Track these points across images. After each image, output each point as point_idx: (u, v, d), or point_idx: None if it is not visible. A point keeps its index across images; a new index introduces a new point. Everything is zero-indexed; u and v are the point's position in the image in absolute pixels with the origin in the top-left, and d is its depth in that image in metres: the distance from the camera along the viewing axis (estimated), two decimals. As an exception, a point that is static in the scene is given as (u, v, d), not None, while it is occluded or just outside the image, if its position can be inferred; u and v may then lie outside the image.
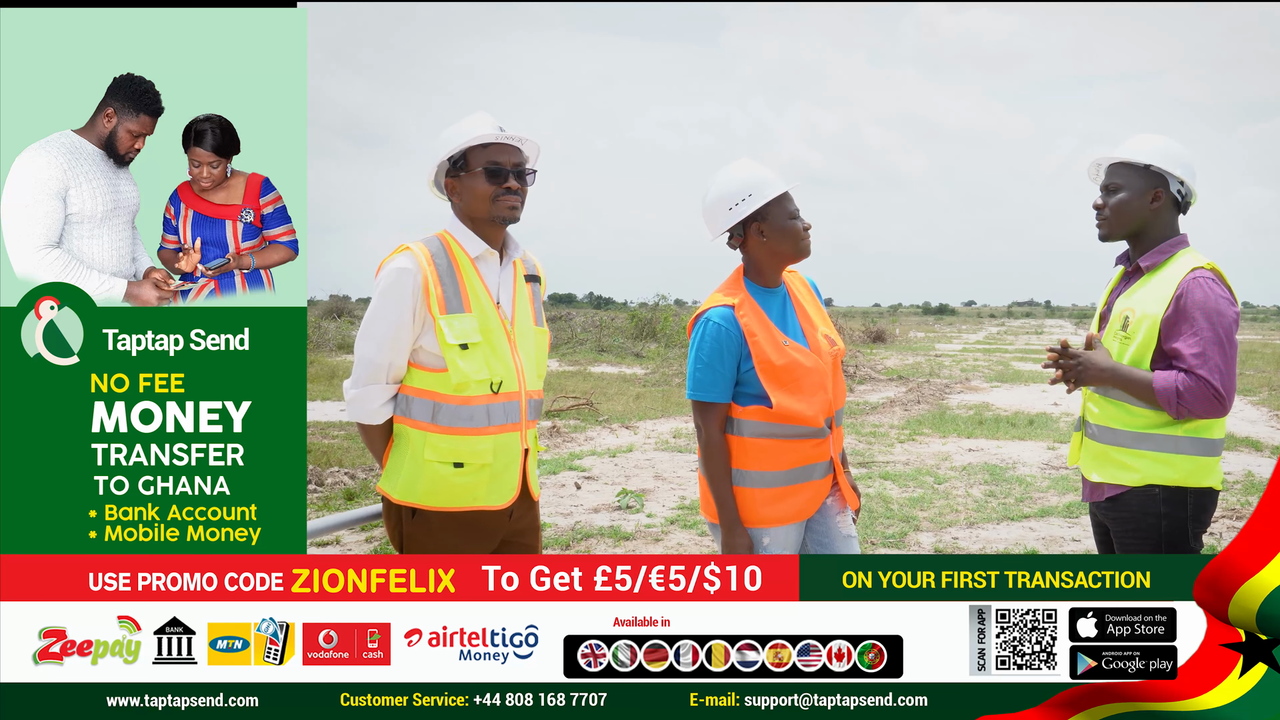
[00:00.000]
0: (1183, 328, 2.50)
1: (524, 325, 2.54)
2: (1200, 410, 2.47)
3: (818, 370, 2.71)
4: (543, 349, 2.61)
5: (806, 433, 2.68)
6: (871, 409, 12.68)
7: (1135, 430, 2.59)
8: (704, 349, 2.67)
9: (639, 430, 10.49)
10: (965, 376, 17.75)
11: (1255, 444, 9.64)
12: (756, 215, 2.69)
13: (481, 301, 2.42)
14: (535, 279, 2.65)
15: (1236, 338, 2.50)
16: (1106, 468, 2.64)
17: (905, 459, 8.83)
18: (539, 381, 2.57)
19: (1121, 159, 2.69)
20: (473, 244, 2.45)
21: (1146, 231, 2.68)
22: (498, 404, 2.42)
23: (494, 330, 2.44)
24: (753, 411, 2.66)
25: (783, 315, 2.77)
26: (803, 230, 2.72)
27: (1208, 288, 2.51)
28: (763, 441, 2.66)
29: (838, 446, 2.80)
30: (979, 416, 11.60)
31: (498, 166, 2.44)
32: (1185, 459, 2.54)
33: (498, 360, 2.43)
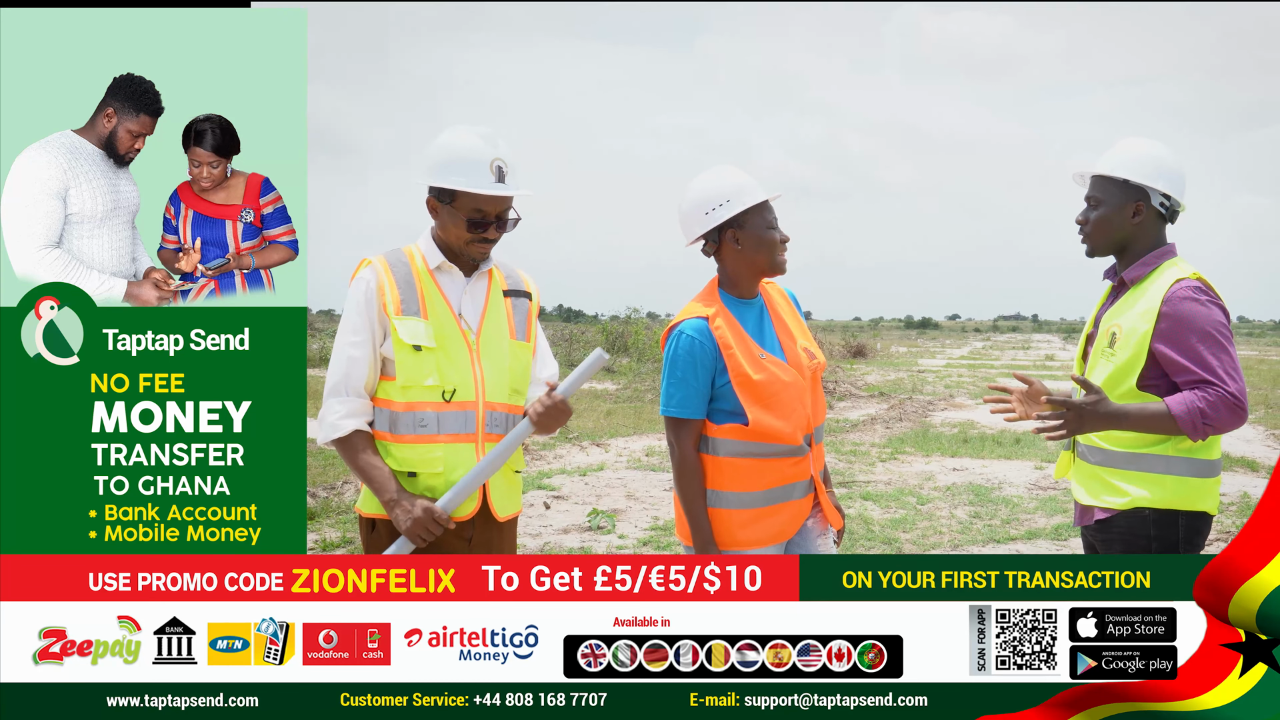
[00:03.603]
0: (1180, 341, 2.42)
1: (493, 337, 2.48)
2: (1225, 423, 2.39)
3: (796, 385, 2.62)
4: (520, 362, 2.54)
5: (785, 451, 2.58)
6: (852, 426, 12.32)
7: (1128, 450, 2.50)
8: (677, 363, 2.58)
9: (610, 448, 10.17)
10: (949, 393, 17.23)
11: (1251, 464, 9.30)
12: (733, 222, 2.60)
13: (438, 310, 2.40)
14: (521, 294, 2.61)
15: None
16: (1096, 490, 2.55)
17: (887, 479, 8.54)
18: (510, 395, 2.49)
19: (1101, 172, 2.61)
20: (433, 256, 2.44)
21: (1131, 245, 2.61)
22: (450, 412, 2.39)
23: (450, 338, 2.40)
24: (728, 429, 2.57)
25: (759, 328, 2.68)
26: (779, 242, 2.63)
27: (1195, 295, 2.45)
28: (739, 460, 2.57)
29: (818, 464, 2.71)
30: (963, 435, 11.26)
31: (482, 217, 2.41)
32: (1177, 480, 2.45)
33: (452, 367, 2.39)
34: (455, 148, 2.39)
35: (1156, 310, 2.46)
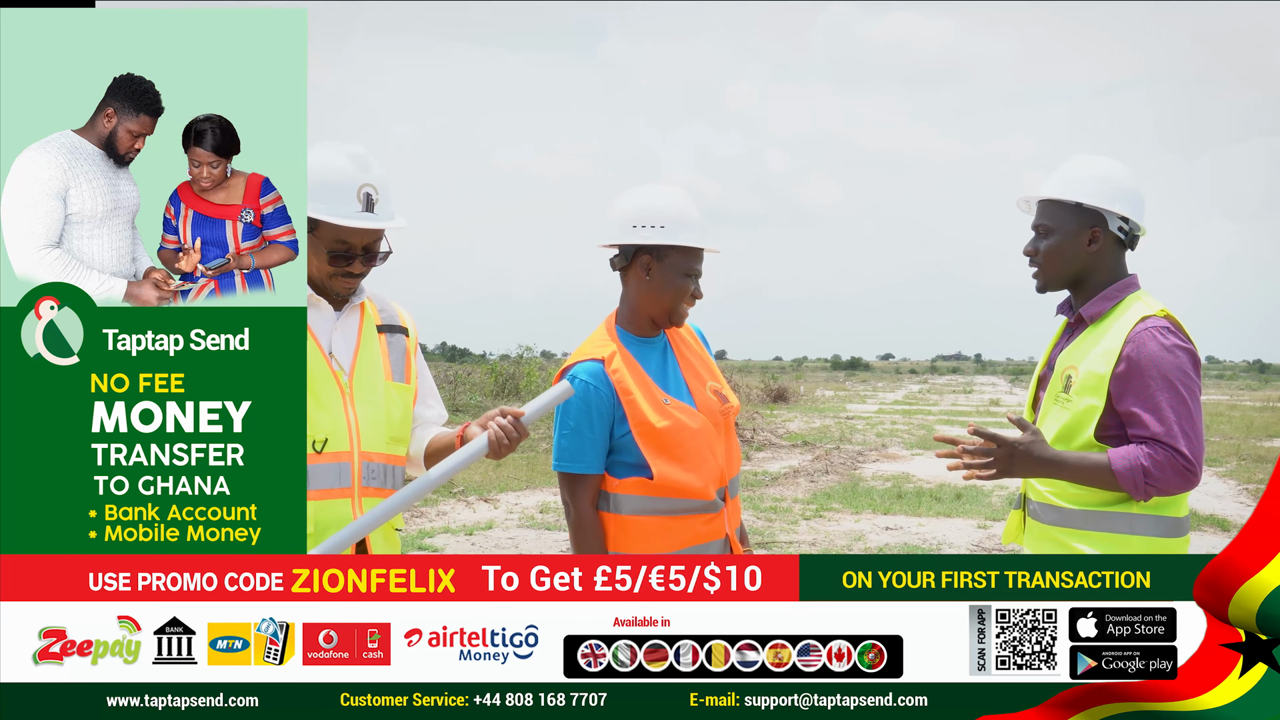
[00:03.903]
0: (1138, 388, 2.24)
1: (367, 378, 2.33)
2: (1170, 486, 2.22)
3: (705, 433, 2.42)
4: (399, 407, 2.37)
5: (696, 506, 2.38)
6: (772, 480, 11.49)
7: (1085, 508, 2.30)
8: (569, 412, 2.36)
9: (500, 504, 9.55)
10: (881, 442, 16.27)
11: (1222, 523, 8.56)
12: (654, 250, 2.40)
13: (307, 349, 2.23)
14: (396, 329, 2.44)
15: (1200, 394, 2.27)
16: (1051, 551, 2.35)
17: (811, 539, 8.00)
18: (389, 444, 2.32)
19: (1049, 195, 2.38)
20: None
21: (1088, 277, 2.39)
22: (321, 465, 2.21)
23: (320, 380, 2.25)
24: (631, 484, 2.37)
25: (663, 369, 2.48)
26: (686, 294, 2.42)
27: (1162, 338, 2.25)
28: (645, 519, 2.36)
29: (734, 521, 2.51)
30: (897, 489, 10.56)
31: (346, 249, 2.27)
32: (1141, 541, 2.27)
33: (322, 414, 2.23)
34: (318, 170, 2.24)
35: (1118, 351, 2.26)
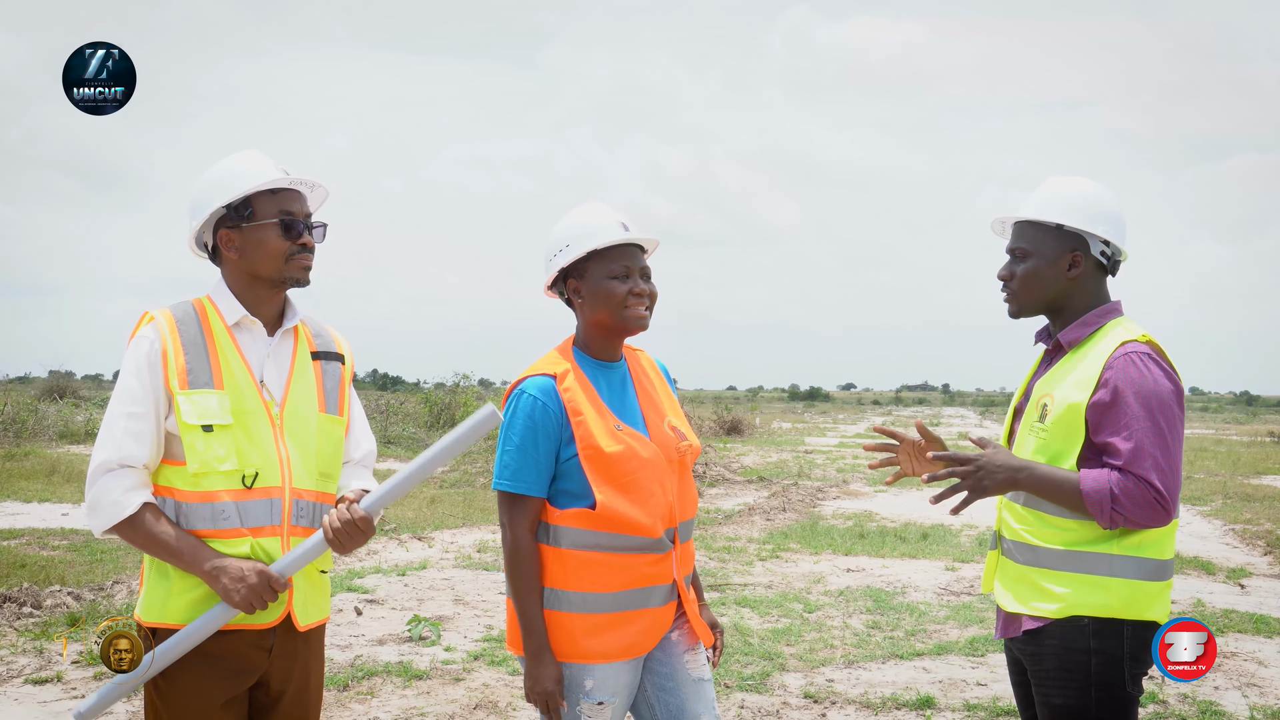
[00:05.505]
0: (1115, 416, 2.10)
1: (300, 409, 2.17)
2: (1139, 518, 2.05)
3: (656, 464, 2.27)
4: (330, 441, 2.23)
5: (641, 545, 2.24)
6: (725, 518, 10.98)
7: (1061, 547, 2.14)
8: (515, 427, 2.25)
9: (435, 542, 9.03)
10: (842, 478, 15.45)
11: (1206, 566, 8.16)
12: (574, 271, 2.30)
13: (237, 378, 2.08)
14: (333, 356, 2.28)
15: (1181, 427, 2.11)
16: (1025, 594, 2.17)
17: (767, 581, 7.48)
18: (319, 480, 2.22)
19: (1028, 217, 2.27)
20: (231, 309, 2.10)
21: (1067, 304, 2.27)
22: (252, 501, 2.09)
23: (251, 412, 2.11)
24: (572, 515, 2.23)
25: (621, 396, 2.34)
26: (624, 295, 2.26)
27: (1142, 365, 2.12)
28: (585, 554, 2.23)
29: (684, 567, 2.34)
30: (859, 528, 10.12)
31: (292, 218, 2.14)
32: (1122, 583, 2.09)
33: (253, 447, 2.11)
34: (232, 163, 2.18)
35: (1096, 378, 2.13)
